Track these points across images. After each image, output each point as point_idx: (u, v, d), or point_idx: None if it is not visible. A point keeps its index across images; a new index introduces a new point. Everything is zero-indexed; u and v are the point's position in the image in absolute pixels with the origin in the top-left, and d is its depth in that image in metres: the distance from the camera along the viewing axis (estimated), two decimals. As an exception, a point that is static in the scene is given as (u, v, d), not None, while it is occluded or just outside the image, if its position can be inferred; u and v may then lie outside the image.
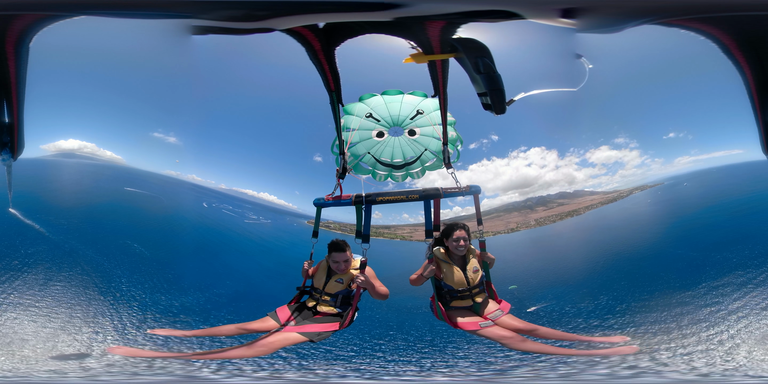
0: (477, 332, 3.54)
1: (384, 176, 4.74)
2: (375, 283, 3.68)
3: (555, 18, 3.58)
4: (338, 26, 3.55)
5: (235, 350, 3.45)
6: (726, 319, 4.75)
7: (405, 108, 4.65)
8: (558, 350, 3.70)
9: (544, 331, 3.65)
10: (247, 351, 3.38)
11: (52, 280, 5.52)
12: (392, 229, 10.15)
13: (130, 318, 5.18)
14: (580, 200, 9.86)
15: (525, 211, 10.19)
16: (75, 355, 4.13)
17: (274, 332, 3.49)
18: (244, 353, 3.40)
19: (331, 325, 3.59)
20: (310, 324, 3.58)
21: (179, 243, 7.29)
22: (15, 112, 3.70)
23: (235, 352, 3.46)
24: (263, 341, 3.38)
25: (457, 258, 3.81)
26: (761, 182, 7.83)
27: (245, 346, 3.41)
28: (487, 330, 3.52)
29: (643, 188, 9.73)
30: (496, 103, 3.33)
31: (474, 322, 3.58)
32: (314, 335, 3.47)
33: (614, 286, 6.40)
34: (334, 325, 3.58)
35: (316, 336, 3.47)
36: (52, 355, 4.12)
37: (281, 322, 3.61)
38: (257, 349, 3.36)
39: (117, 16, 3.74)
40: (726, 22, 3.35)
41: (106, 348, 4.16)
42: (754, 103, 3.54)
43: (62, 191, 7.61)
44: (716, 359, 4.05)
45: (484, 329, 3.52)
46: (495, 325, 3.55)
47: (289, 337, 3.43)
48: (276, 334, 3.46)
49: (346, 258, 3.72)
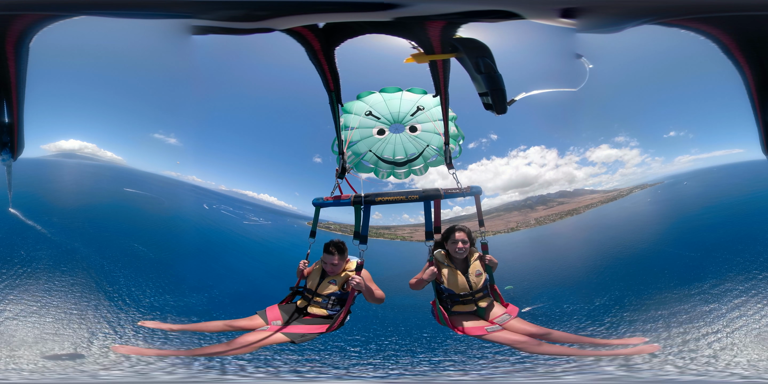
0: (484, 337, 3.42)
1: (386, 173, 4.72)
2: (371, 286, 3.61)
3: (555, 18, 3.58)
4: (338, 26, 3.54)
5: (215, 347, 3.45)
6: (724, 319, 4.75)
7: (405, 104, 4.64)
8: (579, 352, 3.62)
9: (558, 335, 3.53)
10: (226, 348, 3.36)
11: (53, 281, 5.52)
12: (392, 230, 10.15)
13: (135, 319, 5.18)
14: (580, 199, 9.86)
15: (525, 211, 10.19)
16: (78, 355, 4.13)
17: (257, 331, 3.45)
18: (223, 350, 3.38)
19: (318, 327, 3.52)
20: (297, 325, 3.52)
21: (180, 244, 7.28)
22: (15, 112, 3.70)
23: (214, 349, 3.45)
24: (243, 340, 3.35)
25: (459, 261, 3.68)
26: (761, 182, 7.83)
27: (225, 344, 3.39)
28: (495, 335, 3.39)
29: (643, 187, 9.73)
30: (497, 103, 3.33)
31: (480, 327, 3.46)
32: (297, 336, 3.40)
33: (613, 286, 6.40)
34: (322, 328, 3.51)
35: (299, 337, 3.40)
36: (53, 356, 4.13)
37: (268, 321, 3.56)
38: (236, 347, 3.33)
39: (117, 16, 3.74)
40: (726, 22, 3.35)
41: (111, 346, 4.17)
42: (754, 103, 3.54)
43: (63, 191, 7.60)
44: (713, 359, 4.04)
45: (491, 334, 3.40)
46: (503, 330, 3.43)
47: (273, 337, 3.38)
48: (258, 333, 3.41)
49: (334, 261, 3.65)
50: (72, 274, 5.79)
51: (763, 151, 3.70)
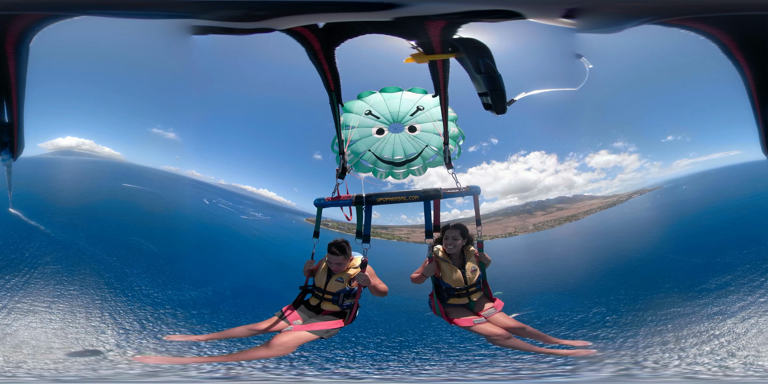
0: (470, 328, 3.71)
1: (385, 173, 4.72)
2: (375, 280, 3.80)
3: (555, 18, 3.58)
4: (338, 26, 3.55)
5: (257, 351, 3.54)
6: (727, 325, 4.74)
7: (405, 104, 4.63)
8: (535, 349, 3.84)
9: (530, 331, 3.82)
10: (268, 351, 3.45)
11: (62, 282, 5.51)
12: (389, 230, 10.17)
13: (147, 316, 5.17)
14: (580, 205, 9.86)
15: (524, 216, 10.19)
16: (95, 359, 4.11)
17: (285, 332, 3.58)
18: (266, 354, 3.48)
19: (336, 322, 3.72)
20: (317, 322, 3.72)
21: (182, 239, 7.30)
22: (15, 112, 3.70)
23: (257, 353, 3.54)
24: (278, 341, 3.46)
25: (456, 258, 3.91)
26: (760, 182, 7.84)
27: (264, 348, 3.48)
28: (479, 326, 3.69)
29: (642, 192, 9.74)
30: (497, 103, 3.34)
31: (468, 319, 3.74)
32: (323, 333, 3.61)
33: (611, 293, 6.40)
34: (340, 322, 3.72)
35: (325, 333, 3.62)
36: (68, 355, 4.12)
37: (290, 321, 3.72)
38: (276, 349, 3.44)
39: (117, 16, 3.74)
40: (726, 22, 3.35)
41: (132, 357, 4.19)
42: (754, 103, 3.55)
43: (63, 189, 7.58)
44: (716, 367, 4.05)
45: (476, 326, 3.69)
46: (487, 322, 3.73)
47: (301, 335, 3.53)
48: (288, 333, 3.55)
49: (339, 261, 3.81)
50: (81, 273, 5.78)
51: (763, 151, 3.70)
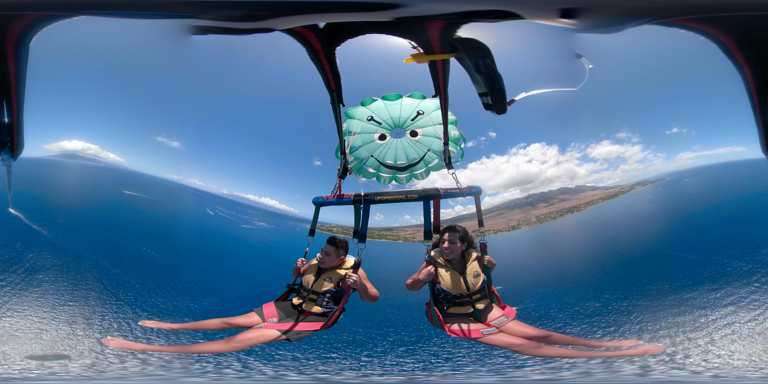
0: (480, 340, 3.37)
1: (388, 179, 4.76)
2: (366, 284, 3.66)
3: (555, 18, 3.58)
4: (338, 26, 3.55)
5: (212, 345, 3.50)
6: (724, 321, 4.73)
7: (405, 109, 4.66)
8: (580, 353, 3.55)
9: (557, 337, 3.50)
10: (223, 346, 3.41)
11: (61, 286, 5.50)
12: (394, 231, 10.15)
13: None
14: (582, 196, 9.84)
15: (527, 208, 10.18)
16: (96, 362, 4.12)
17: (255, 328, 3.51)
18: (220, 348, 3.42)
19: (313, 324, 3.58)
20: (293, 322, 3.58)
21: (186, 247, 7.28)
22: (15, 112, 3.71)
23: (211, 346, 3.51)
24: (240, 337, 3.41)
25: (457, 261, 3.64)
26: (762, 182, 7.81)
27: (222, 341, 3.44)
28: (491, 337, 3.34)
29: (644, 184, 9.69)
30: (497, 103, 3.33)
31: (476, 330, 3.40)
32: (293, 334, 3.47)
33: (611, 287, 6.38)
34: (316, 325, 3.56)
35: (294, 335, 3.46)
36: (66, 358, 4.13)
37: (265, 318, 3.63)
38: (233, 344, 3.38)
39: (117, 17, 3.74)
40: (726, 22, 3.35)
41: (102, 339, 4.17)
42: (754, 103, 3.54)
43: (64, 192, 7.60)
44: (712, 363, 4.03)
45: (487, 337, 3.35)
46: (500, 333, 3.37)
47: (267, 334, 3.44)
48: (254, 330, 3.47)
49: (329, 251, 3.77)
50: (82, 279, 5.76)
51: (763, 151, 3.70)
